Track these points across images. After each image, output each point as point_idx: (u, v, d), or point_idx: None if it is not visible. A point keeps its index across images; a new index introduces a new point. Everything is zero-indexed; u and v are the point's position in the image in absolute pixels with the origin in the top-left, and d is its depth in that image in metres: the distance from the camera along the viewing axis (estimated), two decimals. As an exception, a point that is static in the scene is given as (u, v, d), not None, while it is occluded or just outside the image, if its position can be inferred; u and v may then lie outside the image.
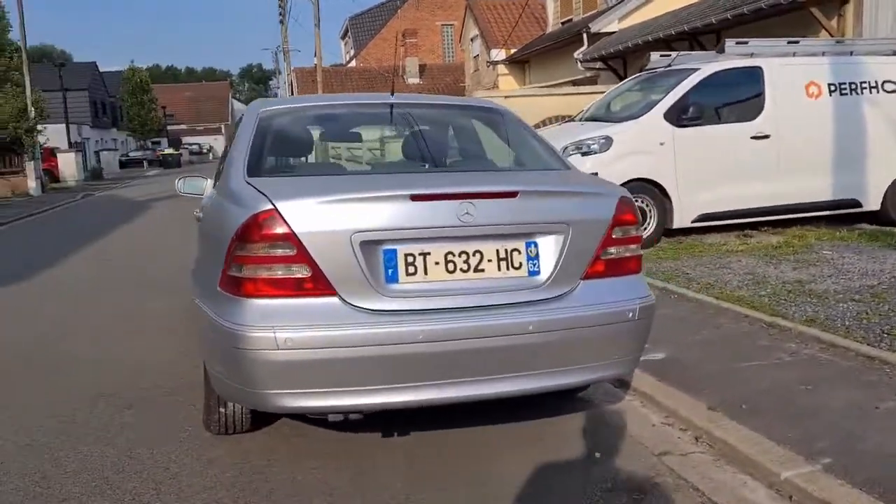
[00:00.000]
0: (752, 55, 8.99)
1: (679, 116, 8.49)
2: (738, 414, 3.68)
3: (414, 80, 35.57)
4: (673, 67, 9.48)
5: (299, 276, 2.90)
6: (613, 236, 3.26)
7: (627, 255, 3.34)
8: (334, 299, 2.92)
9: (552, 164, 3.82)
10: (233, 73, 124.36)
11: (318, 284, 2.90)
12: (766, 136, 8.68)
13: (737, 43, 9.07)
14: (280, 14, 38.12)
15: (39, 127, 27.55)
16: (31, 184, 26.66)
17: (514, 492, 3.11)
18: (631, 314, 3.23)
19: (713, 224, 8.83)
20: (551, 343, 3.09)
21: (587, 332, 3.16)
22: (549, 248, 3.15)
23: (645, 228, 8.56)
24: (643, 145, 8.51)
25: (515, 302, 3.08)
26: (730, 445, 3.43)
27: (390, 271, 2.97)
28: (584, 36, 18.56)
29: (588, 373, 3.27)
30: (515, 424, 3.78)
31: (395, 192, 3.02)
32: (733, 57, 8.98)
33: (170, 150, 56.50)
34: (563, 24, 23.27)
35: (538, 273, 3.14)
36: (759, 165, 8.69)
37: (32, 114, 26.93)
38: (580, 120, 9.94)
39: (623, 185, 8.53)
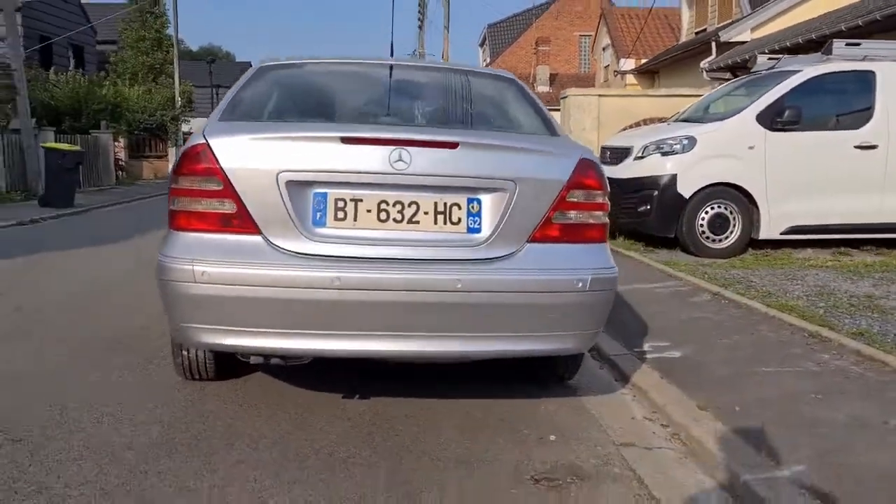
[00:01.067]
0: (864, 58, 8.23)
1: (773, 119, 7.86)
2: (727, 416, 3.34)
3: (543, 88, 35.11)
4: (777, 70, 8.84)
5: (225, 211, 2.87)
6: (570, 199, 3.01)
7: (591, 221, 3.08)
8: (257, 238, 2.86)
9: (542, 130, 3.57)
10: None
11: (244, 222, 2.86)
12: (873, 147, 7.91)
13: (847, 44, 8.33)
14: (419, 20, 38.93)
15: (185, 117, 29.39)
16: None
17: (441, 465, 2.93)
18: (580, 284, 2.96)
19: (808, 238, 8.13)
20: (482, 305, 2.89)
21: (525, 297, 2.93)
22: (491, 206, 2.95)
23: (727, 237, 8.04)
24: (730, 148, 7.96)
25: (448, 258, 2.90)
26: (700, 443, 3.12)
27: (318, 214, 2.88)
28: (713, 45, 17.74)
29: (525, 343, 3.02)
30: (479, 401, 3.59)
31: (324, 134, 2.93)
32: (841, 60, 8.27)
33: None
34: (696, 33, 22.32)
35: (478, 231, 2.95)
36: (863, 178, 7.93)
37: (179, 103, 28.77)
38: (673, 121, 9.48)
39: (705, 189, 8.17)
